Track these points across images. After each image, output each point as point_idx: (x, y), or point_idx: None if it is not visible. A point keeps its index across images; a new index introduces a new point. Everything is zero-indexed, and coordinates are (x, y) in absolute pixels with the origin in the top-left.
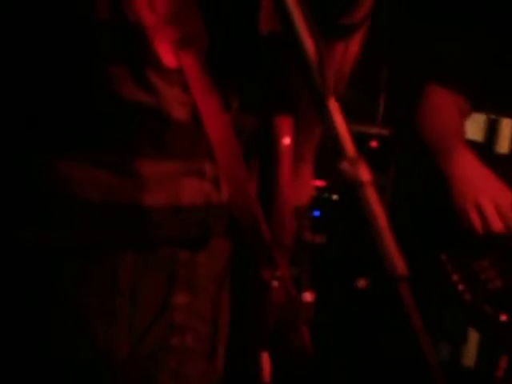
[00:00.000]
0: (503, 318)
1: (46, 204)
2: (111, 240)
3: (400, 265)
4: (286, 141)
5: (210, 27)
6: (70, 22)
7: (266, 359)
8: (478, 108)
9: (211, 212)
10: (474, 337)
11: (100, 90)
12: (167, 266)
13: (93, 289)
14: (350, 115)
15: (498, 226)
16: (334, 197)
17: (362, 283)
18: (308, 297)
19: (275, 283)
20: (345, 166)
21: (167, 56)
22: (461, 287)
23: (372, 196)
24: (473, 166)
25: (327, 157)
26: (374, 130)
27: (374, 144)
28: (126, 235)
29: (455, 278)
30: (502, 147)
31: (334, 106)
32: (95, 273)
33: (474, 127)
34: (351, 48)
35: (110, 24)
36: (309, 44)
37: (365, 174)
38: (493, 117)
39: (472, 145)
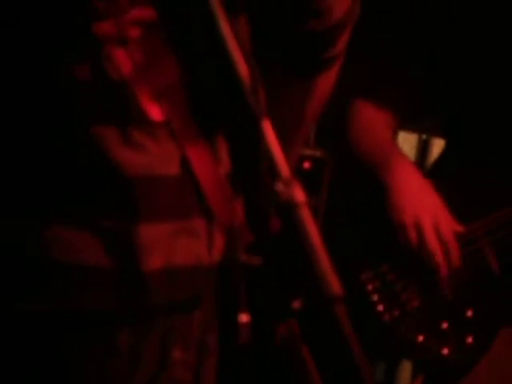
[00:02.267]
0: (420, 338)
1: (44, 272)
2: (109, 305)
3: (335, 285)
4: None
5: (188, 75)
6: (51, 84)
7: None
8: (408, 127)
9: (202, 273)
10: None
11: (88, 153)
12: (164, 327)
13: (92, 353)
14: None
15: (433, 245)
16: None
17: (296, 304)
18: (244, 318)
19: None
20: (279, 187)
21: (151, 109)
22: (379, 307)
23: (306, 217)
24: (413, 179)
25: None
26: (307, 152)
27: (306, 165)
28: (124, 301)
29: (375, 297)
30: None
31: (267, 128)
32: (94, 337)
33: (406, 147)
34: (330, 78)
35: (91, 84)
36: (243, 68)
37: (299, 195)
38: (424, 137)
39: None
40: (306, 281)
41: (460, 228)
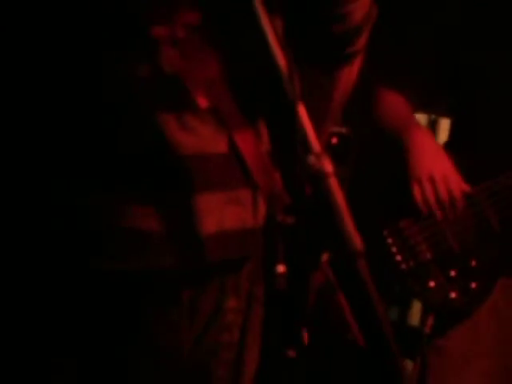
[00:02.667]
0: (431, 284)
1: (117, 237)
2: (172, 265)
3: (358, 242)
4: None
5: (231, 68)
6: (117, 81)
7: (305, 335)
8: (419, 108)
9: (249, 235)
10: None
11: (150, 136)
12: (218, 282)
13: (157, 304)
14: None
15: (443, 195)
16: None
17: (324, 258)
18: (281, 268)
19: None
20: (311, 159)
21: (201, 98)
22: (398, 257)
23: (334, 185)
24: (428, 142)
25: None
26: (334, 129)
27: (334, 140)
28: (185, 260)
29: (393, 249)
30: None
31: (301, 111)
32: (159, 291)
33: None
34: (354, 68)
35: (150, 79)
36: (280, 58)
37: (328, 166)
38: (433, 117)
39: None
40: (332, 238)
41: (467, 187)
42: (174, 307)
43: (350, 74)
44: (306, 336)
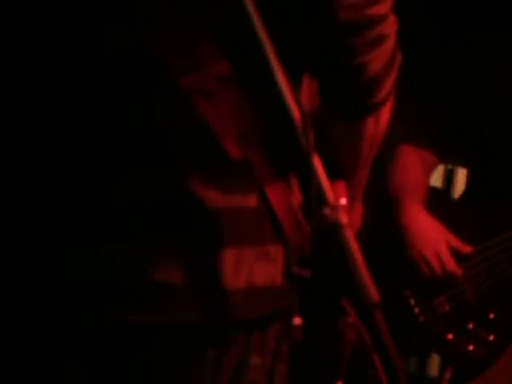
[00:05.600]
0: (449, 336)
1: (144, 289)
2: (197, 319)
3: (375, 293)
4: (343, 201)
5: (262, 120)
6: (149, 131)
7: None
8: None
9: (277, 292)
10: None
11: (179, 190)
12: (244, 339)
13: (181, 359)
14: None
15: (439, 272)
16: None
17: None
18: (297, 321)
19: (349, 329)
20: (327, 211)
21: (233, 150)
22: (416, 310)
23: (350, 236)
24: (419, 220)
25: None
26: None
27: None
28: (210, 315)
29: (412, 302)
30: (458, 192)
31: (317, 162)
32: (183, 346)
33: (434, 175)
34: (382, 118)
35: (182, 129)
36: (295, 111)
37: (343, 218)
38: (450, 167)
39: (432, 191)
40: (349, 290)
41: (468, 248)
42: (197, 362)
43: (376, 125)
44: None
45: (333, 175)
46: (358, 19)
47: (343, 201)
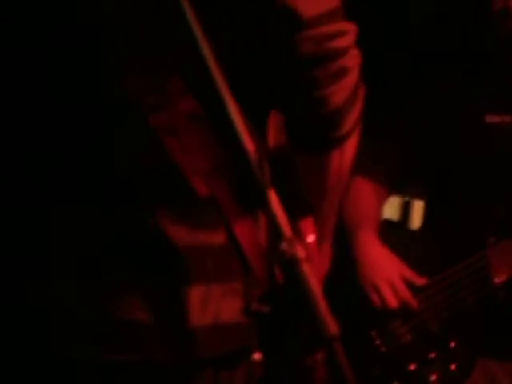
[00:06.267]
0: (412, 366)
1: (111, 329)
2: (163, 356)
3: (333, 326)
4: (310, 238)
5: (231, 157)
6: (115, 169)
7: None
8: (394, 191)
9: (245, 328)
10: None
11: (143, 228)
12: (212, 376)
13: None
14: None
15: (392, 303)
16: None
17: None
18: (257, 356)
19: (318, 366)
20: (284, 245)
21: (200, 187)
22: (377, 341)
23: (307, 269)
24: (372, 251)
25: None
26: None
27: None
28: (177, 353)
29: (373, 333)
30: (415, 224)
31: (273, 196)
32: (155, 381)
33: (391, 208)
34: (347, 151)
35: (150, 169)
36: (249, 145)
37: (300, 252)
38: (406, 199)
39: (388, 224)
40: (308, 323)
41: (423, 280)
42: None
43: (341, 158)
44: None
45: (302, 211)
46: (320, 52)
47: (311, 238)
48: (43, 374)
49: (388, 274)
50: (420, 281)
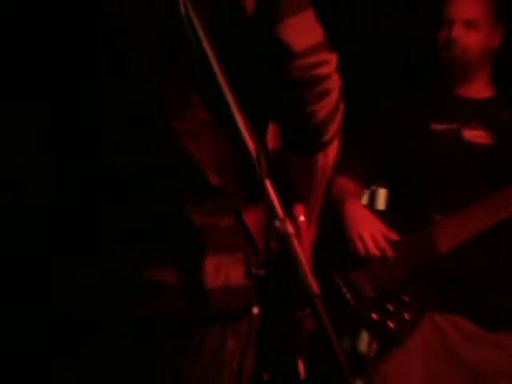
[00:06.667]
0: (374, 316)
1: (139, 288)
2: (183, 312)
3: (315, 287)
4: (301, 218)
5: (237, 155)
6: (145, 163)
7: (301, 363)
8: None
9: (249, 290)
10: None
11: (170, 211)
12: (221, 327)
13: (168, 346)
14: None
15: (372, 249)
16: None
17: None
18: (255, 310)
19: (306, 318)
20: (277, 223)
21: (213, 178)
22: (348, 296)
23: (296, 243)
24: (357, 211)
25: None
26: None
27: None
28: (192, 308)
29: (344, 289)
30: (380, 206)
31: (269, 185)
32: (170, 335)
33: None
34: (329, 154)
35: (173, 163)
36: (250, 145)
37: (290, 229)
38: (373, 188)
39: None
40: (295, 285)
41: (395, 236)
42: (185, 344)
43: (325, 160)
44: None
45: (294, 199)
46: (308, 78)
47: (302, 218)
48: (75, 334)
49: (370, 228)
50: (393, 236)
